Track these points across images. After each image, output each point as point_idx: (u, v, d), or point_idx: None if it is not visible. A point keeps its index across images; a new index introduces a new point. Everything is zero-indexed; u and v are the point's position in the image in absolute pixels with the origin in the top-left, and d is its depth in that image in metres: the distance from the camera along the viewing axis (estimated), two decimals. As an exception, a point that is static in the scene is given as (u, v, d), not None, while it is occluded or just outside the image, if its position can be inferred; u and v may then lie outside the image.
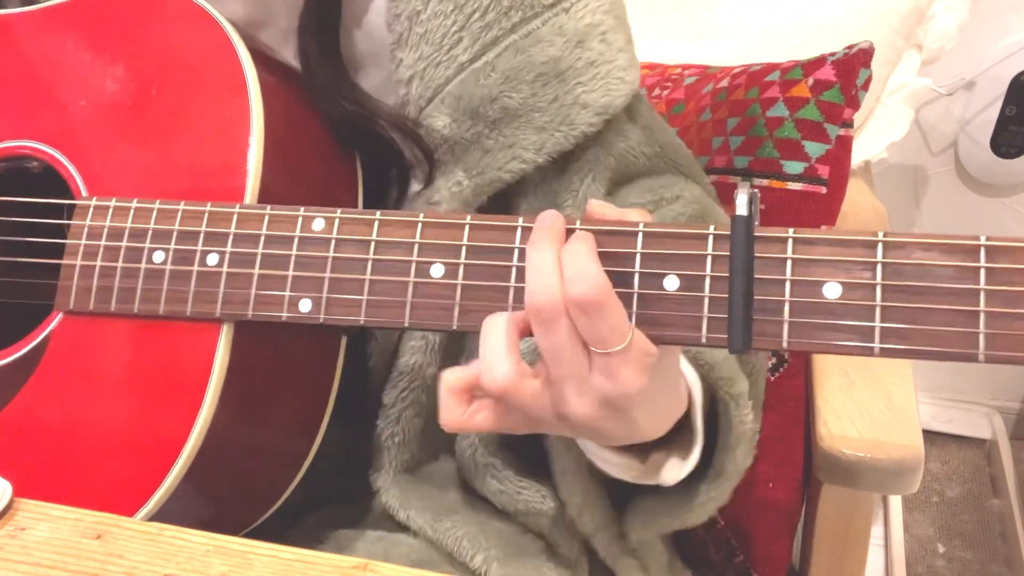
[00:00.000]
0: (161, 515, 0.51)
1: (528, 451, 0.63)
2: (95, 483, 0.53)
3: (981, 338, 0.41)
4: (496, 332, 0.45)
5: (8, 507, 0.45)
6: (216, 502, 0.57)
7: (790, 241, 0.44)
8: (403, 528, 0.64)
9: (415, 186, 0.63)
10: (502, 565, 0.60)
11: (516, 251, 0.48)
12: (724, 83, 0.88)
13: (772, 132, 0.80)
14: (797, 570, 0.83)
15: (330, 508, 0.68)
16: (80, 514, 0.45)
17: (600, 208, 0.48)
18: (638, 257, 0.46)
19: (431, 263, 0.49)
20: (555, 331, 0.44)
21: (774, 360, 0.82)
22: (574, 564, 0.64)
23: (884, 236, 0.42)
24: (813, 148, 0.79)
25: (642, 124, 0.66)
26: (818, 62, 0.81)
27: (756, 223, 0.44)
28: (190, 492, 0.52)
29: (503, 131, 0.59)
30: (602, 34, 0.59)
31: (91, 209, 0.56)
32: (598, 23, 0.59)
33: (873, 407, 0.74)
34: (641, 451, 0.55)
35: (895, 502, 1.49)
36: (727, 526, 0.82)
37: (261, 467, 0.59)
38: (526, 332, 0.46)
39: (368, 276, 0.50)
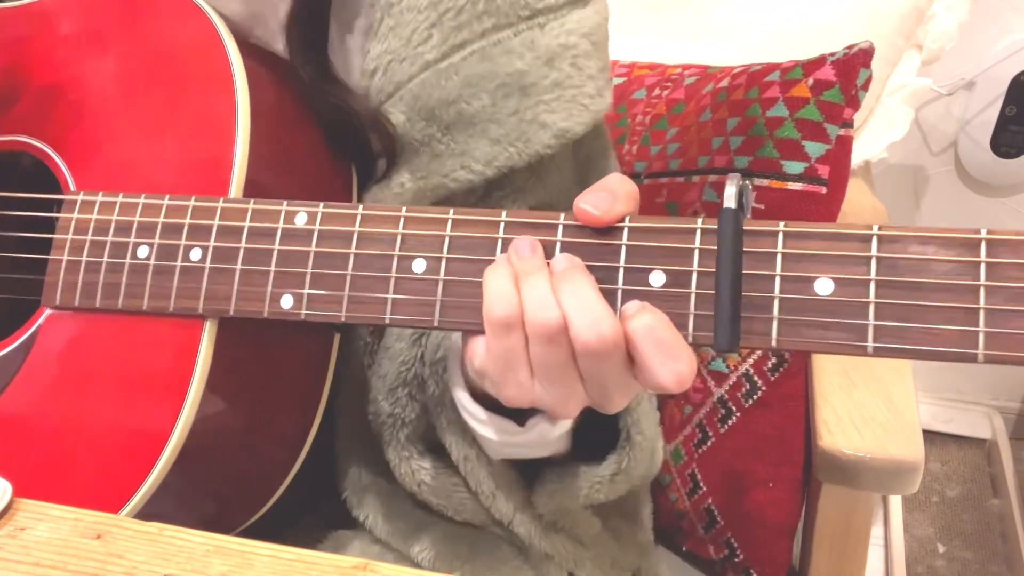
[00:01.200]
0: (147, 512, 0.51)
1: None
2: (81, 479, 0.53)
3: (981, 337, 0.39)
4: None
5: (8, 507, 0.45)
6: (205, 499, 0.57)
7: (780, 235, 0.42)
8: None
9: (372, 182, 0.62)
10: (477, 574, 0.60)
11: (499, 243, 0.47)
12: (724, 83, 0.88)
13: (772, 132, 0.80)
14: (797, 570, 0.83)
15: (328, 508, 0.67)
16: (80, 514, 0.45)
17: (592, 213, 0.46)
18: (623, 250, 0.45)
19: (413, 258, 0.48)
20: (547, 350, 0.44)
21: (774, 360, 0.82)
22: (548, 565, 0.63)
23: (879, 229, 0.41)
24: (813, 148, 0.79)
25: (584, 164, 0.64)
26: (818, 62, 0.81)
27: (747, 216, 0.43)
28: (176, 489, 0.52)
29: (456, 137, 0.58)
30: (574, 57, 0.58)
31: (78, 203, 0.56)
32: (572, 45, 0.58)
33: (873, 407, 0.74)
34: (519, 416, 0.53)
35: (895, 502, 1.49)
36: (727, 526, 0.82)
37: (251, 465, 0.59)
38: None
39: (349, 272, 0.50)
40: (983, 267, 0.39)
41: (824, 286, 0.41)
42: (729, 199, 0.42)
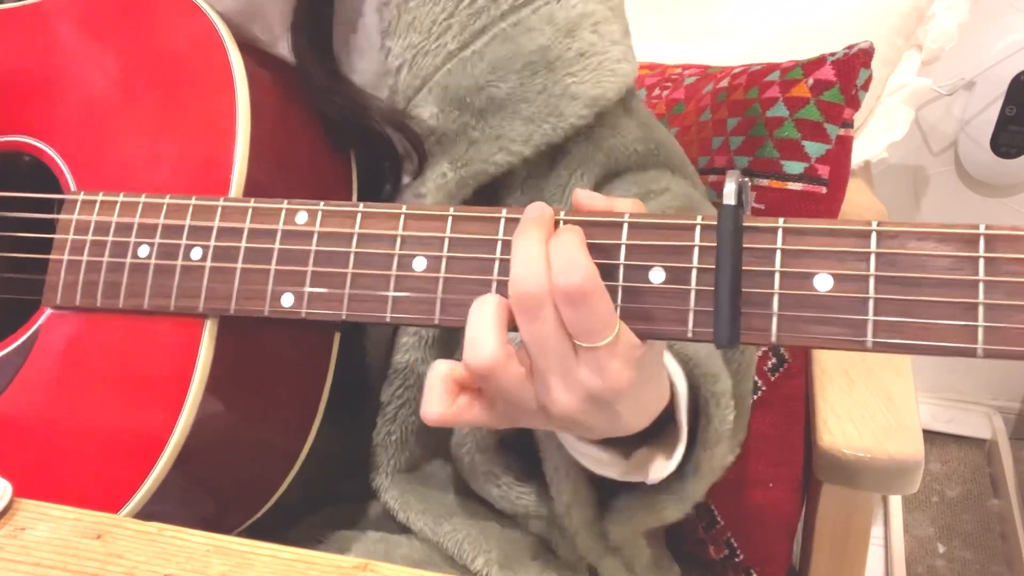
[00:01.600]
0: (148, 511, 0.51)
1: (524, 450, 0.62)
2: (81, 478, 0.53)
3: (980, 331, 0.39)
4: (485, 311, 0.44)
5: (8, 507, 0.45)
6: (205, 498, 0.57)
7: (780, 231, 0.42)
8: (404, 529, 0.64)
9: (406, 179, 0.62)
10: (503, 567, 0.60)
11: (499, 243, 0.47)
12: (724, 83, 0.88)
13: (772, 132, 0.80)
14: (797, 570, 0.83)
15: (330, 508, 0.67)
16: (80, 514, 0.45)
17: (588, 198, 0.47)
18: (623, 248, 0.45)
19: (413, 256, 0.49)
20: (540, 321, 0.43)
21: (774, 360, 0.82)
22: (574, 567, 0.63)
23: (878, 225, 0.41)
24: (813, 148, 0.79)
25: (638, 120, 0.64)
26: (818, 62, 0.81)
27: (747, 213, 0.43)
28: (177, 488, 0.52)
29: (489, 122, 0.58)
30: (594, 24, 0.58)
31: (78, 203, 0.56)
32: (590, 13, 0.58)
33: (873, 407, 0.74)
34: (624, 447, 0.54)
35: (895, 502, 1.49)
36: (727, 526, 0.82)
37: (251, 464, 0.59)
38: (512, 322, 0.45)
39: (350, 270, 0.50)
40: (982, 262, 0.39)
41: (823, 282, 0.41)
42: (729, 196, 0.42)
